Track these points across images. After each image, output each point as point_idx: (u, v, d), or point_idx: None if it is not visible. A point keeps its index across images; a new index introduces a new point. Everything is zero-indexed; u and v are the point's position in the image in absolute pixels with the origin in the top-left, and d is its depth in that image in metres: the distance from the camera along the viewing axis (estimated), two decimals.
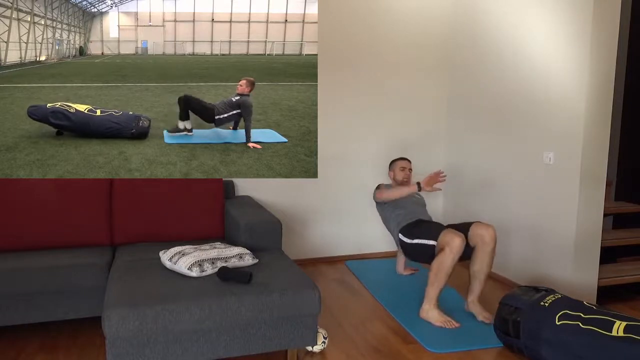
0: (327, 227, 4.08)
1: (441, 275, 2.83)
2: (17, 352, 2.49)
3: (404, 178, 3.49)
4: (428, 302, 2.90)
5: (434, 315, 2.88)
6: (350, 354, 2.54)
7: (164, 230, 3.13)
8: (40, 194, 2.93)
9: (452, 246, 2.80)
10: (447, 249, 2.81)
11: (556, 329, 2.30)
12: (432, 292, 2.88)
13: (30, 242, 2.88)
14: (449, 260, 2.80)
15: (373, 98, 4.08)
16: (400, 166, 3.52)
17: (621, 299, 3.35)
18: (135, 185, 3.12)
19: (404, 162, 3.55)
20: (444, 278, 2.84)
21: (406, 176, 3.50)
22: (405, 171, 3.50)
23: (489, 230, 2.91)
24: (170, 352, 2.11)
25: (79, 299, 2.59)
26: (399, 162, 3.55)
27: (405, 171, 3.50)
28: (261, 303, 2.19)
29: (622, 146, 4.11)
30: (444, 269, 2.81)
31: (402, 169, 3.51)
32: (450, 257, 2.80)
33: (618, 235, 3.51)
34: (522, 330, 2.43)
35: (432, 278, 2.87)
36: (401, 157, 3.61)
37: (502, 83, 3.65)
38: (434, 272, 2.86)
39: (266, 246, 2.91)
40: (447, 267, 2.81)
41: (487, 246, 2.89)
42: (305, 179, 3.95)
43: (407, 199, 3.40)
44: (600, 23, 2.94)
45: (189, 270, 2.35)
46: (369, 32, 3.99)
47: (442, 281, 2.85)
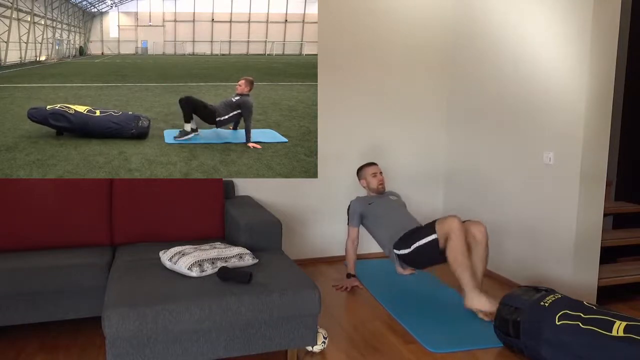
0: (327, 227, 4.08)
1: (461, 259, 2.82)
2: (17, 352, 2.49)
3: (379, 185, 3.40)
4: (468, 289, 2.83)
5: (482, 301, 2.79)
6: (350, 354, 2.54)
7: (164, 230, 3.13)
8: (40, 194, 2.93)
9: (453, 229, 2.84)
10: (452, 235, 2.84)
11: (556, 329, 2.30)
12: (464, 277, 2.83)
13: (30, 242, 2.88)
14: (459, 243, 2.83)
15: (373, 98, 4.08)
16: (371, 173, 3.42)
17: (621, 299, 3.35)
18: (135, 185, 3.12)
19: (373, 167, 3.44)
20: (465, 260, 2.83)
21: (380, 182, 3.41)
22: (377, 177, 3.41)
23: (480, 228, 2.98)
24: (170, 352, 2.11)
25: (79, 299, 2.59)
26: (369, 169, 3.43)
27: (377, 177, 3.41)
28: (261, 303, 2.19)
29: (622, 146, 4.11)
30: (460, 252, 2.82)
31: (373, 175, 3.41)
32: (459, 240, 2.82)
33: (618, 235, 3.51)
34: (522, 330, 2.44)
35: (455, 266, 2.85)
36: (369, 163, 3.49)
37: (502, 83, 3.65)
38: (452, 261, 2.86)
39: (266, 246, 2.91)
40: (462, 249, 2.83)
41: (481, 243, 2.98)
42: (305, 179, 3.95)
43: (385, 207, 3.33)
44: (600, 23, 2.94)
45: (189, 270, 2.35)
46: (369, 32, 3.99)
47: (465, 264, 2.82)
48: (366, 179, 3.44)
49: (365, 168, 3.46)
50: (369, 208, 3.36)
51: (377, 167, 3.45)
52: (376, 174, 3.41)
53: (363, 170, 3.47)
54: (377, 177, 3.40)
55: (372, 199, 3.42)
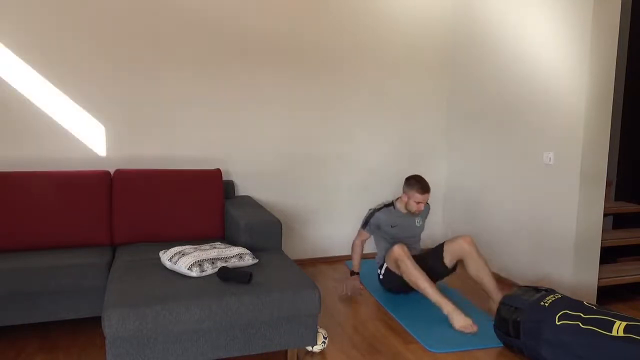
0: (327, 227, 4.07)
1: (416, 282, 2.93)
2: (17, 352, 2.49)
3: (416, 211, 3.23)
4: (446, 310, 2.83)
5: (455, 319, 2.79)
6: (350, 354, 2.54)
7: (164, 230, 3.13)
8: (41, 195, 2.93)
9: (397, 257, 3.01)
10: (400, 263, 3.00)
11: (556, 329, 2.30)
12: (434, 299, 2.87)
13: (30, 242, 2.88)
14: (405, 266, 2.97)
15: (373, 98, 4.08)
16: (419, 200, 3.17)
17: (621, 299, 3.35)
18: (136, 185, 3.12)
19: (425, 196, 3.18)
20: (424, 282, 2.90)
21: (418, 211, 3.23)
22: (420, 206, 3.19)
23: (465, 239, 3.11)
24: (170, 352, 2.11)
25: (79, 299, 2.59)
26: (419, 195, 3.16)
27: (420, 206, 3.19)
28: (261, 303, 2.19)
29: (622, 146, 4.11)
30: (414, 276, 2.94)
31: (418, 202, 3.17)
32: (406, 265, 2.96)
33: (618, 235, 3.51)
34: (522, 330, 2.44)
35: (421, 291, 2.94)
36: (424, 188, 3.18)
37: (502, 83, 3.65)
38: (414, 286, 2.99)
39: (266, 246, 2.91)
40: (411, 271, 2.94)
41: (470, 254, 3.07)
42: (305, 178, 3.94)
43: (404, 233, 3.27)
44: (600, 23, 2.94)
45: (189, 270, 2.35)
46: (369, 32, 3.99)
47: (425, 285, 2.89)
48: (410, 198, 3.19)
49: (417, 191, 3.17)
50: (389, 228, 3.26)
51: (428, 196, 3.21)
52: (422, 203, 3.19)
53: (414, 190, 3.17)
54: (419, 206, 3.19)
55: (397, 221, 3.26)
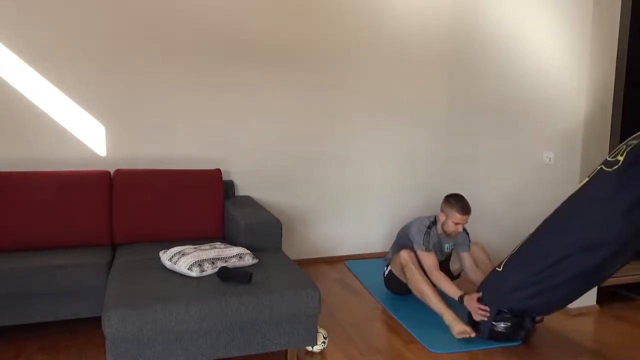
0: (327, 227, 4.08)
1: (422, 288, 2.89)
2: (17, 352, 2.49)
3: (453, 232, 3.04)
4: (446, 318, 2.78)
5: (455, 327, 2.71)
6: (350, 354, 2.54)
7: (164, 230, 3.13)
8: (41, 195, 2.93)
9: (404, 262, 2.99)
10: (405, 269, 2.99)
11: None
12: (433, 306, 2.84)
13: (30, 242, 2.88)
14: (413, 274, 2.94)
15: (373, 98, 4.08)
16: (457, 220, 3.00)
17: (621, 299, 3.35)
18: (136, 185, 3.12)
19: (465, 217, 3.00)
20: (427, 289, 2.87)
21: (456, 232, 3.05)
22: (458, 227, 3.02)
23: (478, 246, 3.18)
24: (170, 352, 2.10)
25: (79, 299, 2.59)
26: (459, 216, 2.98)
27: (458, 227, 3.02)
28: (261, 303, 2.18)
29: None
30: (418, 282, 2.92)
31: (457, 224, 3.01)
32: (412, 271, 2.95)
33: None
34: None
35: (422, 299, 2.92)
36: (465, 208, 3.00)
37: (501, 83, 3.65)
38: (416, 294, 2.98)
39: (266, 246, 2.91)
40: (417, 277, 2.92)
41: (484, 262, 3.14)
42: (305, 178, 3.94)
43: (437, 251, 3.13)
44: (600, 23, 2.94)
45: (189, 270, 2.35)
46: (369, 32, 3.99)
47: (428, 293, 2.86)
48: (449, 219, 3.03)
49: (457, 211, 2.99)
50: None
51: (467, 218, 3.04)
52: (459, 224, 3.02)
53: (454, 209, 3.00)
54: (457, 227, 3.02)
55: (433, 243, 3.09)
